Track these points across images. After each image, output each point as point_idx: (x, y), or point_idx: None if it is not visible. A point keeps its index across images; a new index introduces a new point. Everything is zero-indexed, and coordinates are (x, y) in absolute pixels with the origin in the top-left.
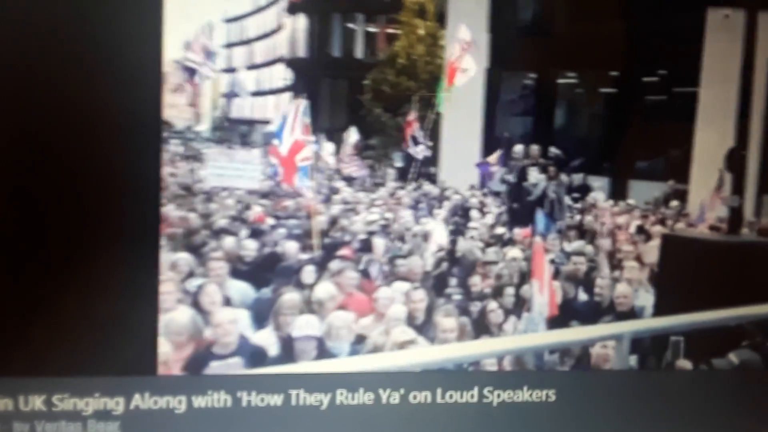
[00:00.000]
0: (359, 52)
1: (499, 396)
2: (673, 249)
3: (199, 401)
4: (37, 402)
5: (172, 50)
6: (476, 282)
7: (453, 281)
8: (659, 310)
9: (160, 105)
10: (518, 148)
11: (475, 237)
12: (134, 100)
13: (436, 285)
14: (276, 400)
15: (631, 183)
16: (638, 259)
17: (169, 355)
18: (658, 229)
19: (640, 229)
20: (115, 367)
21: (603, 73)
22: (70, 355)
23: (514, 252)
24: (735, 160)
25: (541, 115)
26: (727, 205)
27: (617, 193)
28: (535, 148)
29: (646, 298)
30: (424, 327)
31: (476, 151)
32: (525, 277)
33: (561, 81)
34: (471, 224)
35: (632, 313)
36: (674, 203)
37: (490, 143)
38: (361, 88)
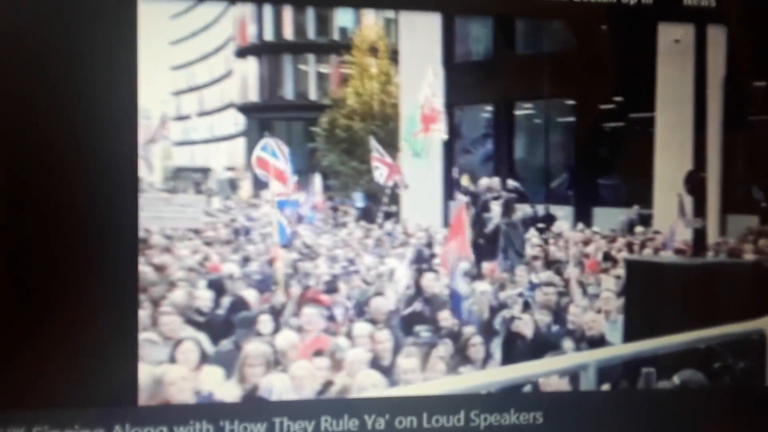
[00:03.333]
0: (312, 93)
1: (486, 419)
2: (638, 274)
3: (180, 431)
4: None
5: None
6: (446, 317)
7: (421, 319)
8: (627, 336)
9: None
10: (483, 181)
11: (442, 273)
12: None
13: (403, 324)
14: (260, 428)
15: (595, 210)
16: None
17: None
18: (624, 256)
19: (607, 256)
20: (96, 398)
21: (559, 102)
22: (50, 387)
23: (483, 286)
24: (694, 182)
25: (500, 147)
26: (690, 227)
27: (582, 221)
28: (495, 181)
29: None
30: (390, 369)
31: (438, 188)
32: (495, 311)
33: (518, 112)
34: (436, 261)
35: (602, 342)
36: (639, 228)
37: (451, 179)
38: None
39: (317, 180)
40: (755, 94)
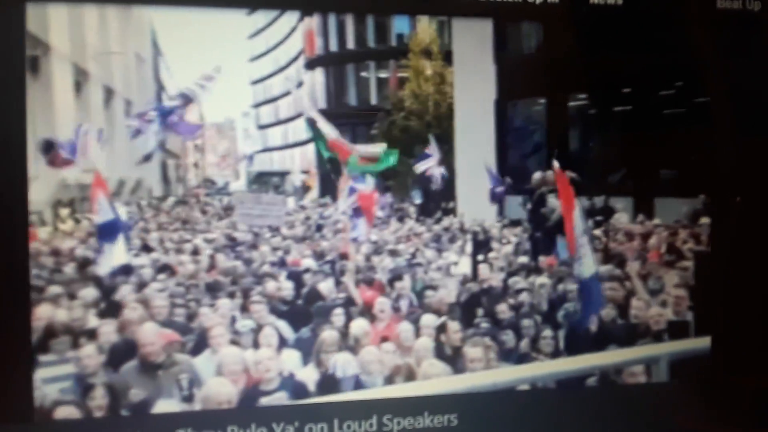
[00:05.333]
0: (373, 98)
1: (399, 423)
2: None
3: None
4: None
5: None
6: (503, 310)
7: (480, 311)
8: (698, 329)
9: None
10: (536, 175)
11: (497, 267)
12: None
13: (464, 315)
14: None
15: (657, 201)
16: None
17: (226, 390)
18: (691, 248)
19: (671, 249)
20: None
21: (616, 91)
22: None
23: (541, 279)
24: None
25: (554, 139)
26: None
27: (642, 212)
28: (550, 174)
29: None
30: (454, 358)
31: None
32: (555, 303)
33: (572, 104)
34: (492, 254)
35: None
36: (705, 219)
37: (504, 173)
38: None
39: (369, 179)
40: None
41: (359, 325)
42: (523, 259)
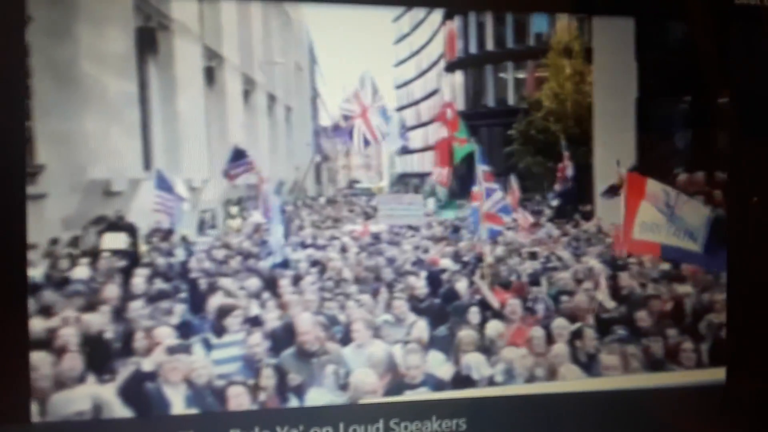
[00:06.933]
0: (511, 99)
1: (406, 428)
2: None
3: None
4: None
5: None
6: (643, 317)
7: (618, 318)
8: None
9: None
10: (681, 177)
11: (635, 273)
12: None
13: (600, 322)
14: None
15: None
16: None
17: (374, 382)
18: None
19: None
20: None
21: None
22: None
23: (684, 288)
24: None
25: (701, 140)
26: None
27: None
28: (699, 176)
29: None
30: (590, 364)
31: None
32: (698, 313)
33: (721, 101)
34: (631, 260)
35: None
36: None
37: (645, 173)
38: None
39: (513, 180)
40: None
41: (494, 326)
42: (665, 266)
